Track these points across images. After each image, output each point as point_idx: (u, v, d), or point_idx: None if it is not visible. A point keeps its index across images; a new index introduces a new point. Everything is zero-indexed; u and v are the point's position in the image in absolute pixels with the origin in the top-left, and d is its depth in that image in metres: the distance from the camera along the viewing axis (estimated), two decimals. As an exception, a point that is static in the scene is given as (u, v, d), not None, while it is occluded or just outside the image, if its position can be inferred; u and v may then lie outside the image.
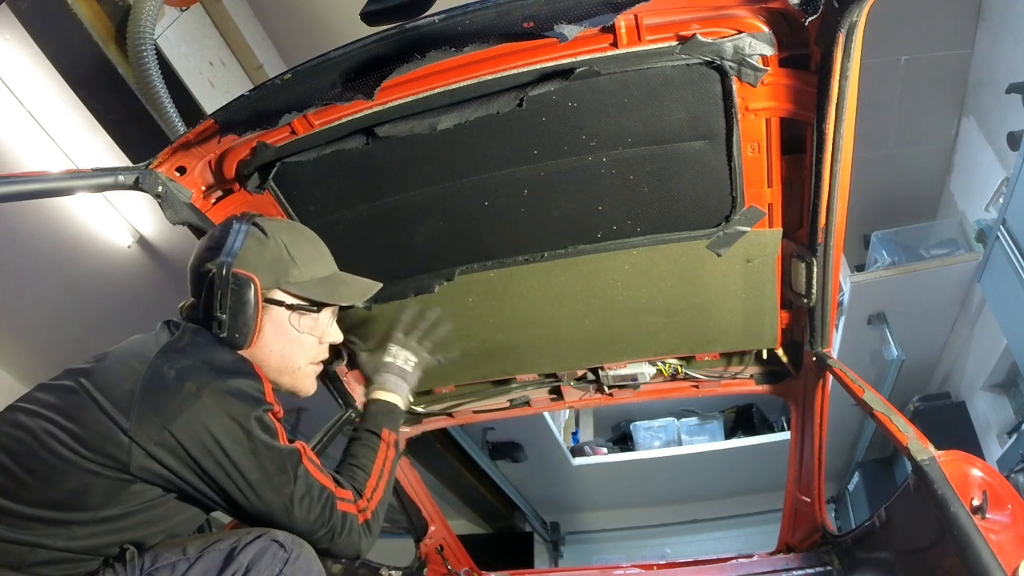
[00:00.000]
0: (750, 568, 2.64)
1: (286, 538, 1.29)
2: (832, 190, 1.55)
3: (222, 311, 1.33)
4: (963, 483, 1.44)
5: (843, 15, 1.20)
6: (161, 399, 1.20)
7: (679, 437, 6.83)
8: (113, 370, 1.26)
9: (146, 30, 2.55)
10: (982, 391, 5.12)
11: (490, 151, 1.62)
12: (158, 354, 1.27)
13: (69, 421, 1.19)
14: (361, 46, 1.38)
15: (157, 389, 1.21)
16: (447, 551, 2.83)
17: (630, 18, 1.34)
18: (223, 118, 1.53)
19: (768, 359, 2.24)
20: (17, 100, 3.08)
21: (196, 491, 1.25)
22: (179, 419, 1.19)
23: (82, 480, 1.17)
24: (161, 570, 1.25)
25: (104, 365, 1.28)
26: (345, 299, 1.52)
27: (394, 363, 1.73)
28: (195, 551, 1.27)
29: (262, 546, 1.26)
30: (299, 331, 1.45)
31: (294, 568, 1.27)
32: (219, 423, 1.22)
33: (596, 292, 1.97)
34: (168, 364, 1.25)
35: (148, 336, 1.37)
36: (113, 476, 1.18)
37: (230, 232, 1.41)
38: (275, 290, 1.42)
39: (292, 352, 1.45)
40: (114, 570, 1.25)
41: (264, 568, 1.24)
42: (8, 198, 1.35)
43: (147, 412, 1.19)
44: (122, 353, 1.32)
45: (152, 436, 1.18)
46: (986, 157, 4.49)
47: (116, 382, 1.23)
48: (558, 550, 7.52)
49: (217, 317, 1.33)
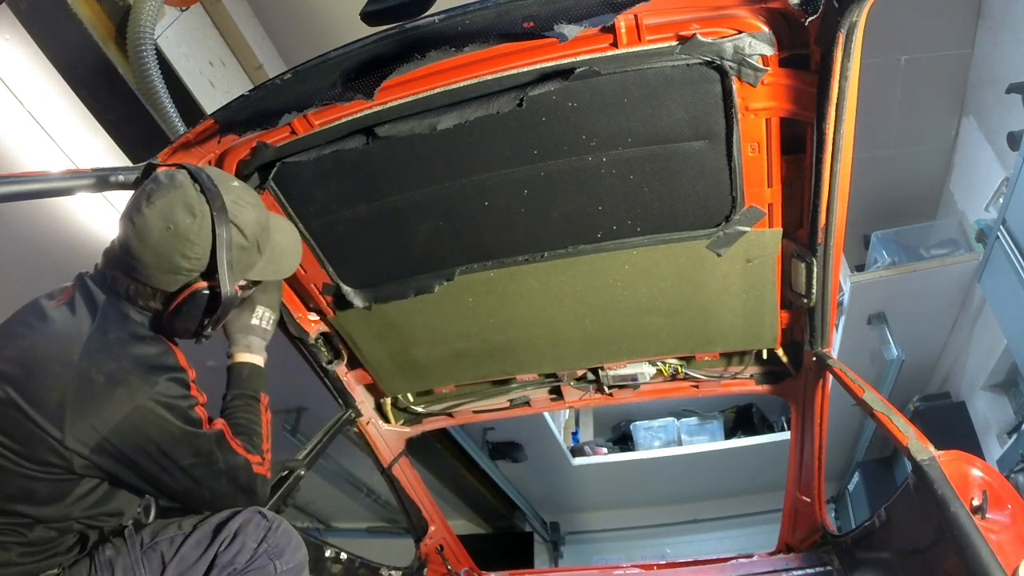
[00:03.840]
0: (750, 568, 2.64)
1: (267, 511, 1.48)
2: (832, 190, 1.55)
3: (210, 323, 1.41)
4: (963, 483, 1.44)
5: (843, 15, 1.20)
6: (93, 406, 1.26)
7: (679, 437, 6.82)
8: (38, 378, 1.28)
9: (146, 30, 2.56)
10: (982, 391, 5.12)
11: (490, 151, 1.62)
12: (83, 355, 1.29)
13: (5, 436, 1.25)
14: (361, 46, 1.38)
15: (89, 397, 1.27)
16: (447, 551, 2.84)
17: (630, 18, 1.35)
18: (223, 118, 1.53)
19: (768, 359, 2.25)
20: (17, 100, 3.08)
21: (131, 483, 1.35)
22: (114, 426, 1.26)
23: (27, 484, 1.25)
24: (161, 543, 1.40)
25: (27, 371, 1.28)
26: (287, 272, 1.62)
27: (259, 325, 1.69)
28: (189, 525, 1.44)
29: (247, 517, 1.44)
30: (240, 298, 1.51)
31: (276, 535, 1.45)
32: (152, 427, 1.31)
33: (596, 292, 1.97)
34: (96, 367, 1.29)
35: (64, 318, 1.35)
36: (58, 478, 1.27)
37: (215, 238, 1.34)
38: (237, 283, 1.45)
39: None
40: (113, 546, 1.39)
41: (250, 534, 1.42)
42: (8, 198, 1.36)
43: (81, 422, 1.25)
44: (43, 354, 1.31)
45: (88, 443, 1.26)
46: (986, 157, 4.49)
47: (44, 392, 1.26)
48: (558, 550, 7.51)
49: (203, 331, 1.42)
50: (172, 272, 1.35)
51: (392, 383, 2.37)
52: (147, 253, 1.33)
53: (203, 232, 1.34)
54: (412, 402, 2.53)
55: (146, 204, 1.33)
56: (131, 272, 1.36)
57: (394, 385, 2.38)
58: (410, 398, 2.51)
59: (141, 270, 1.35)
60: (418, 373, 2.31)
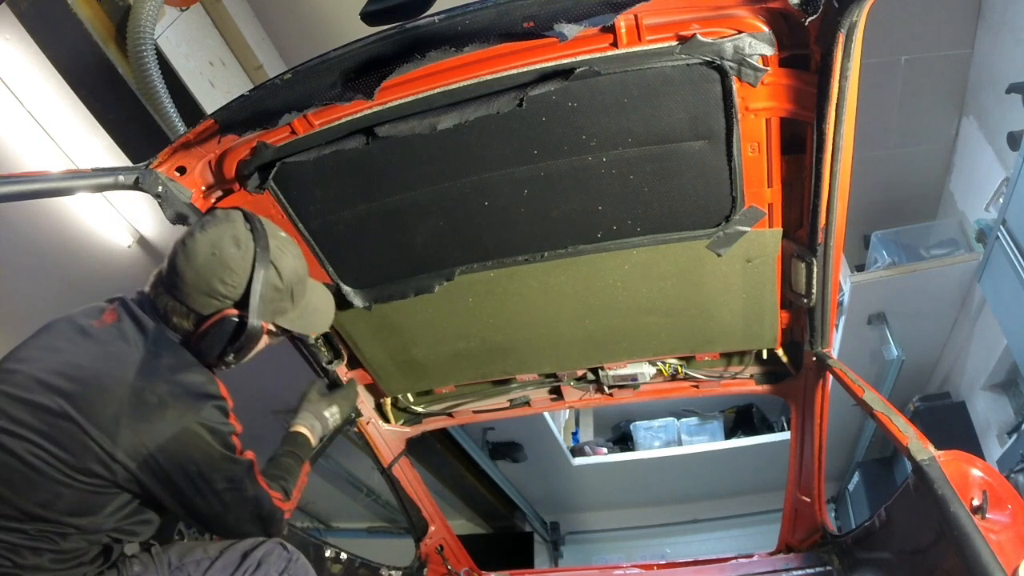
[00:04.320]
0: (750, 568, 2.64)
1: (288, 544, 1.59)
2: (832, 190, 1.55)
3: (233, 352, 1.49)
4: (963, 483, 1.44)
5: (843, 15, 1.20)
6: (145, 424, 1.35)
7: (679, 437, 6.82)
8: (93, 393, 1.34)
9: (146, 30, 2.55)
10: (982, 391, 5.12)
11: (490, 151, 1.62)
12: (138, 376, 1.37)
13: (55, 446, 1.30)
14: (361, 46, 1.38)
15: (142, 415, 1.35)
16: (447, 551, 2.84)
17: (630, 18, 1.34)
18: (223, 118, 1.53)
19: (768, 359, 2.25)
20: (17, 100, 3.08)
21: (165, 500, 1.42)
22: (162, 443, 1.35)
23: (69, 494, 1.31)
24: (188, 565, 1.50)
25: (81, 385, 1.34)
26: (317, 330, 1.74)
27: (327, 419, 1.99)
28: (215, 551, 1.53)
29: (270, 548, 1.56)
30: (266, 344, 1.61)
31: (295, 566, 1.57)
32: (196, 449, 1.40)
33: (596, 292, 1.97)
34: (150, 389, 1.37)
35: (114, 339, 1.43)
36: (98, 490, 1.33)
37: (253, 272, 1.45)
38: (270, 324, 1.56)
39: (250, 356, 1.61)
40: (141, 562, 1.48)
41: (272, 564, 1.53)
42: (8, 198, 1.36)
43: (133, 437, 1.33)
44: (97, 371, 1.37)
45: (136, 457, 1.33)
46: (986, 157, 4.49)
47: (100, 407, 1.33)
48: (558, 550, 7.51)
49: (226, 359, 1.50)
50: (208, 295, 1.45)
51: (392, 383, 2.37)
52: (190, 272, 1.43)
53: (244, 263, 1.45)
54: (412, 402, 2.53)
55: (199, 230, 1.46)
56: (172, 289, 1.46)
57: (394, 385, 2.39)
58: (410, 398, 2.51)
59: (181, 288, 1.45)
60: (418, 373, 2.31)
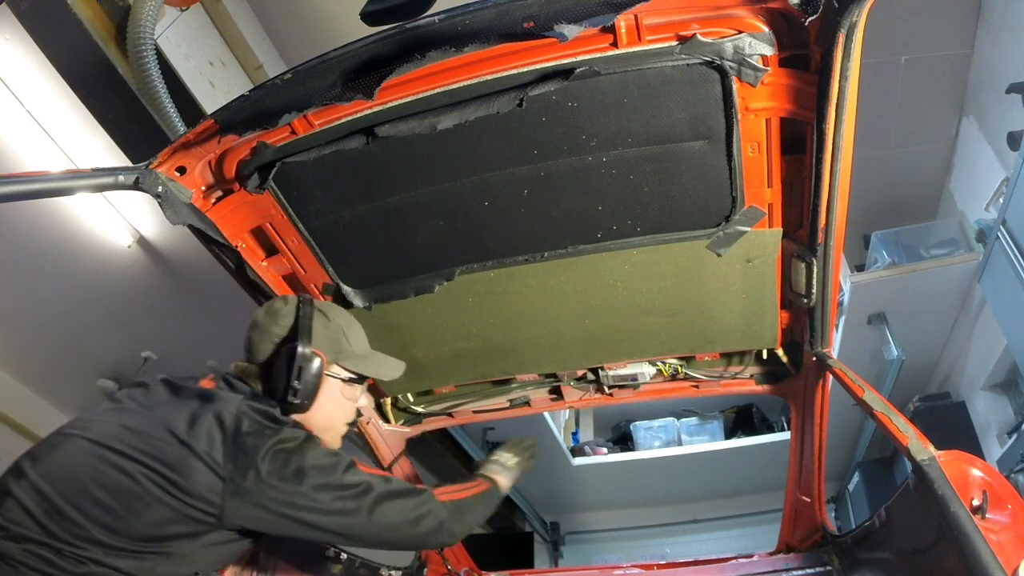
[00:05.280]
0: (750, 568, 2.64)
1: None
2: (832, 190, 1.55)
3: (297, 383, 1.54)
4: (963, 483, 1.44)
5: (843, 15, 1.20)
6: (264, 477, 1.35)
7: (679, 437, 6.82)
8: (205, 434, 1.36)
9: (146, 30, 2.56)
10: (982, 391, 5.12)
11: (490, 151, 1.62)
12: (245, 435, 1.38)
13: (170, 470, 1.32)
14: (361, 46, 1.38)
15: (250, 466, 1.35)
16: (447, 551, 2.83)
17: (630, 18, 1.34)
18: (223, 118, 1.53)
19: (768, 359, 2.24)
20: (17, 100, 3.08)
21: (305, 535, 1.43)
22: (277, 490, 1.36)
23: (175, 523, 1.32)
24: None
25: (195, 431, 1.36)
26: (386, 375, 1.76)
27: (500, 462, 1.98)
28: None
29: None
30: (344, 398, 1.68)
31: None
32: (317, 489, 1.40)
33: (596, 292, 1.97)
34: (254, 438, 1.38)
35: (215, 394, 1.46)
36: (203, 520, 1.33)
37: (301, 317, 1.60)
38: (334, 366, 1.64)
39: (336, 415, 1.68)
40: None
41: None
42: (8, 198, 1.35)
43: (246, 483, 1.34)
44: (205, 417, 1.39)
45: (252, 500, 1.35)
46: (986, 157, 4.49)
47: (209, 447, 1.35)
48: (558, 550, 7.51)
49: (293, 387, 1.54)
50: (267, 340, 1.60)
51: (392, 383, 2.37)
52: (252, 333, 1.63)
53: (290, 308, 1.63)
54: (412, 402, 2.52)
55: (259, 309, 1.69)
56: (246, 356, 1.63)
57: (394, 385, 2.39)
58: (410, 398, 2.51)
59: (249, 348, 1.62)
60: (418, 373, 2.31)
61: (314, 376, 1.56)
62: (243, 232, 1.82)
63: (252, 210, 1.75)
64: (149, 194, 1.56)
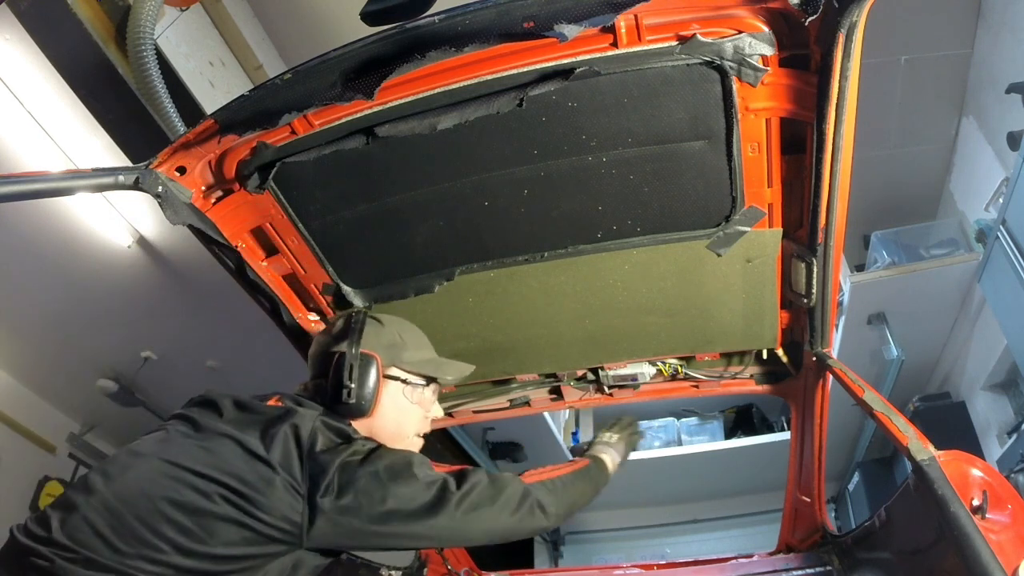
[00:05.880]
0: (750, 568, 2.64)
1: None
2: (832, 190, 1.55)
3: (351, 381, 1.52)
4: (963, 483, 1.44)
5: (843, 15, 1.20)
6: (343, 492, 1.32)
7: (679, 437, 6.82)
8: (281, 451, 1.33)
9: (146, 30, 2.55)
10: (982, 391, 5.11)
11: (490, 151, 1.62)
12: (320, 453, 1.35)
13: (248, 488, 1.27)
14: (361, 46, 1.38)
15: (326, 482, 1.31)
16: (447, 551, 2.83)
17: (630, 18, 1.34)
18: (223, 118, 1.53)
19: (768, 359, 2.25)
20: (17, 100, 3.08)
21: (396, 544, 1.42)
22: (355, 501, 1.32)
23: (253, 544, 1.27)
24: None
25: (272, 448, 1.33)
26: (451, 375, 1.72)
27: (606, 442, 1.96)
28: None
29: None
30: (411, 403, 1.64)
31: None
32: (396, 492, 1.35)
33: (596, 292, 1.97)
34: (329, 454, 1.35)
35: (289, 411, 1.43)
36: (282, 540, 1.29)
37: (352, 322, 1.61)
38: (392, 367, 1.61)
39: (404, 422, 1.64)
40: None
41: None
42: (8, 198, 1.35)
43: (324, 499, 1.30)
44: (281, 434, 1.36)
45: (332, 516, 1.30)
46: (986, 157, 4.48)
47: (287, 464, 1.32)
48: (558, 550, 7.50)
49: (347, 386, 1.51)
50: (323, 352, 1.60)
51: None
52: (312, 349, 1.65)
53: (343, 320, 1.64)
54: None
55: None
56: (310, 372, 1.63)
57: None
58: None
59: (311, 366, 1.63)
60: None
61: (368, 376, 1.54)
62: (243, 232, 1.82)
63: (252, 210, 1.75)
64: (149, 194, 1.56)
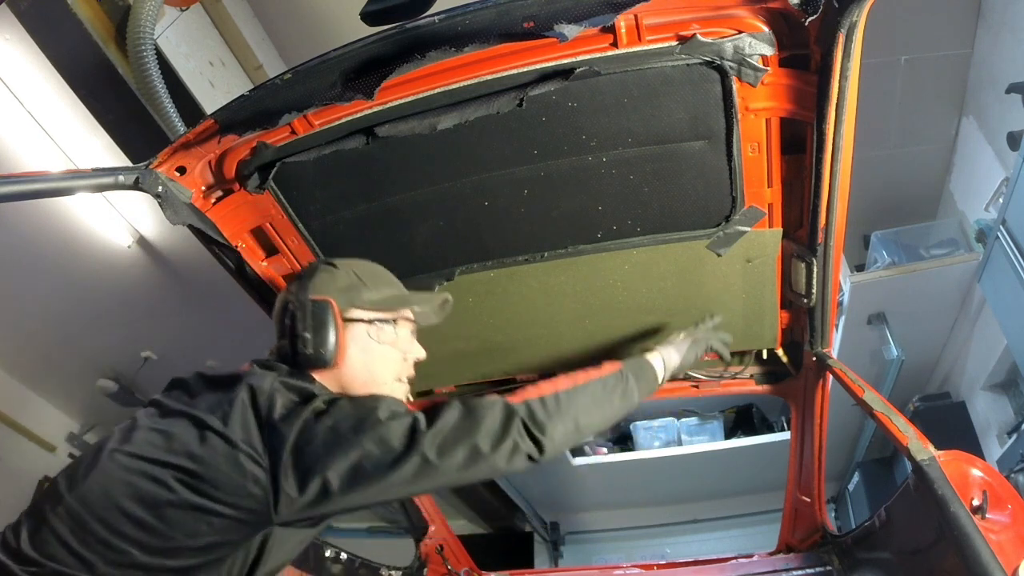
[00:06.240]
0: (750, 568, 2.64)
1: None
2: (832, 190, 1.55)
3: (305, 331, 1.43)
4: (963, 483, 1.44)
5: (843, 15, 1.20)
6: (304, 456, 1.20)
7: (679, 437, 6.81)
8: (239, 421, 1.23)
9: (146, 30, 2.56)
10: (982, 391, 5.11)
11: (490, 151, 1.62)
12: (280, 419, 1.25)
13: (202, 467, 1.18)
14: (361, 46, 1.38)
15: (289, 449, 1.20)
16: (447, 551, 2.83)
17: (630, 18, 1.34)
18: (223, 118, 1.53)
19: (768, 359, 2.25)
20: (17, 100, 3.09)
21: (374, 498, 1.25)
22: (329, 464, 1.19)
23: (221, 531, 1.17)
24: None
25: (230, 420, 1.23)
26: (419, 306, 1.62)
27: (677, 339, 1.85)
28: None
29: None
30: (380, 343, 1.53)
31: None
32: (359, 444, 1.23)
33: (596, 292, 1.97)
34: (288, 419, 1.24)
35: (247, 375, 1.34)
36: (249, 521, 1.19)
37: (302, 272, 1.56)
38: (351, 309, 1.50)
39: (377, 367, 1.53)
40: None
41: None
42: (8, 198, 1.35)
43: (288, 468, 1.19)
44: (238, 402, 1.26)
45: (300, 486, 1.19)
46: (986, 157, 4.48)
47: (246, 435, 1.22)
48: (558, 550, 7.50)
49: (301, 335, 1.43)
50: (279, 307, 1.52)
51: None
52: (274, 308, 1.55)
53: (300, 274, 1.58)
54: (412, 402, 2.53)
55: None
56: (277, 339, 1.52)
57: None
58: (410, 398, 2.51)
59: (275, 329, 1.53)
60: (418, 373, 2.30)
61: (325, 322, 1.43)
62: (243, 232, 1.82)
63: (252, 210, 1.75)
64: (149, 194, 1.56)
